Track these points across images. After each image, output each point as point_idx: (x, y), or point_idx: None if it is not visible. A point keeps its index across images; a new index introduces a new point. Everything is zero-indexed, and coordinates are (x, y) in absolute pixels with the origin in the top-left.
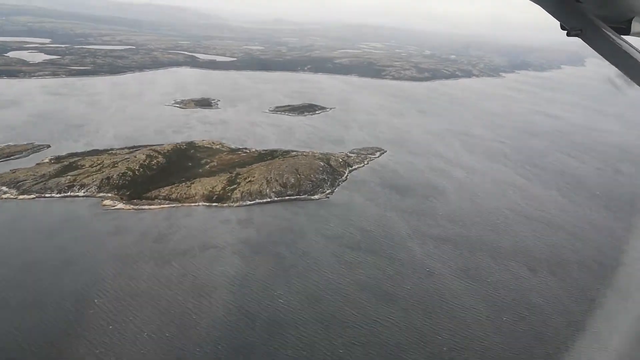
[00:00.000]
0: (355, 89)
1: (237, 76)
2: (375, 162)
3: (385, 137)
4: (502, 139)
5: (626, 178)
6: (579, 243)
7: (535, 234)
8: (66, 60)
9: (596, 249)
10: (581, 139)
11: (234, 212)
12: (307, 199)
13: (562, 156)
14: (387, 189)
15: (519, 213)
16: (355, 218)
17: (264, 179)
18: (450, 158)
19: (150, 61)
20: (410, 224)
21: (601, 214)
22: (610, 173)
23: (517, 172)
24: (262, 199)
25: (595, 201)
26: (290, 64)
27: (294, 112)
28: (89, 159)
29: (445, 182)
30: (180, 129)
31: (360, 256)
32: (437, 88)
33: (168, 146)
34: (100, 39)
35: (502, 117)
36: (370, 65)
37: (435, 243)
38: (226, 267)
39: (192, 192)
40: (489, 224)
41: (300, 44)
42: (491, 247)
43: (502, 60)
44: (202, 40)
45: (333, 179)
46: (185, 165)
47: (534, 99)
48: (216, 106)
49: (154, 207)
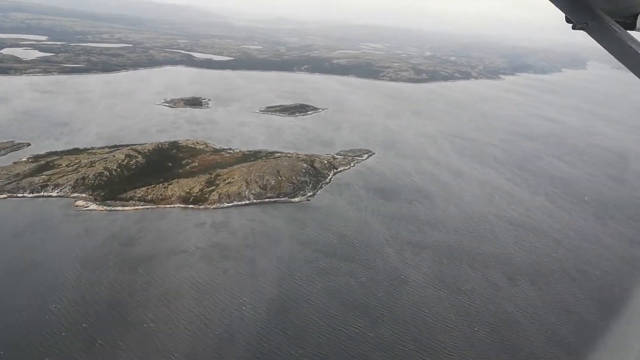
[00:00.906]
0: (352, 90)
1: (232, 75)
2: (362, 164)
3: (376, 139)
4: (495, 142)
5: (618, 183)
6: (562, 251)
7: (519, 241)
8: (60, 57)
9: (580, 257)
10: (576, 142)
11: (210, 214)
12: (287, 202)
13: (554, 160)
14: (371, 193)
15: (503, 219)
16: (334, 222)
17: (244, 181)
18: (440, 161)
19: (145, 59)
20: (390, 229)
21: (588, 220)
22: (602, 178)
23: (506, 176)
24: (240, 201)
25: (583, 207)
26: (287, 64)
27: (285, 113)
28: (66, 158)
29: (432, 186)
30: (166, 128)
31: (334, 263)
32: (435, 90)
33: (149, 146)
34: (99, 36)
35: (498, 120)
36: (368, 66)
37: (414, 249)
38: (193, 273)
39: (169, 193)
40: (472, 230)
41: (299, 44)
42: (471, 254)
43: (502, 62)
44: (200, 39)
45: (316, 181)
46: (166, 166)
47: (533, 101)
48: (206, 106)
49: (128, 208)
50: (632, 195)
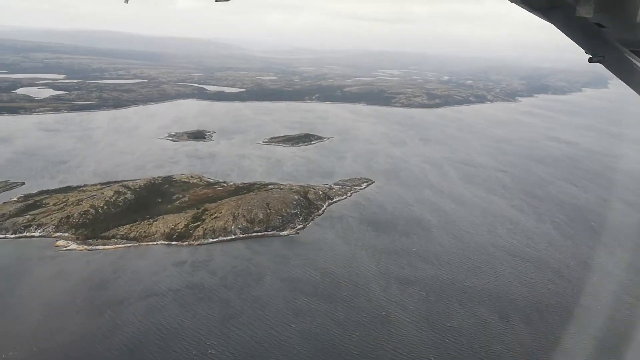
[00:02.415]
0: (361, 118)
1: (241, 107)
2: (359, 194)
3: (379, 167)
4: (505, 167)
5: (632, 209)
6: (565, 284)
7: (517, 274)
8: (72, 95)
9: (581, 290)
10: (591, 165)
11: (192, 251)
12: (275, 235)
13: (566, 185)
14: (364, 225)
15: (503, 250)
16: (320, 257)
17: (231, 215)
18: (443, 189)
19: (157, 94)
20: (379, 264)
21: (594, 249)
22: (615, 203)
23: (511, 203)
24: (225, 237)
25: (590, 234)
26: (298, 94)
27: (288, 143)
28: (55, 196)
29: (431, 216)
30: (164, 163)
31: (314, 302)
32: (447, 114)
33: (141, 181)
34: (115, 73)
35: (510, 144)
36: (380, 93)
37: (401, 286)
38: (162, 318)
39: (153, 230)
40: (468, 263)
41: (314, 73)
42: (463, 289)
43: (520, 84)
44: (215, 72)
45: (308, 213)
46: (155, 202)
47: (549, 123)
48: (210, 138)
49: (109, 247)
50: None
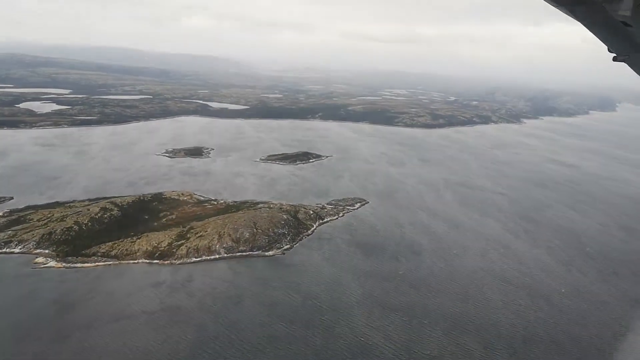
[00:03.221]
0: (362, 137)
1: (243, 124)
2: (352, 214)
3: (374, 187)
4: (503, 189)
5: (630, 235)
6: (553, 312)
7: (507, 302)
8: (75, 110)
9: (571, 320)
10: (592, 189)
11: (173, 271)
12: (260, 256)
13: (564, 209)
14: (353, 247)
15: (494, 275)
16: (303, 280)
17: (216, 234)
18: (437, 211)
19: (160, 110)
20: (363, 288)
21: (588, 276)
22: (613, 229)
23: (506, 227)
24: (209, 256)
25: (586, 261)
26: (302, 112)
27: (285, 161)
28: (41, 212)
29: (423, 239)
30: (157, 180)
31: (291, 328)
32: (450, 135)
33: (130, 198)
34: (121, 89)
35: (510, 166)
36: (383, 112)
37: (385, 311)
38: (131, 342)
39: (135, 248)
40: (456, 289)
41: (320, 92)
42: (448, 316)
43: (526, 105)
44: (221, 89)
45: (296, 233)
46: (141, 219)
47: (551, 146)
48: (207, 155)
49: (88, 265)
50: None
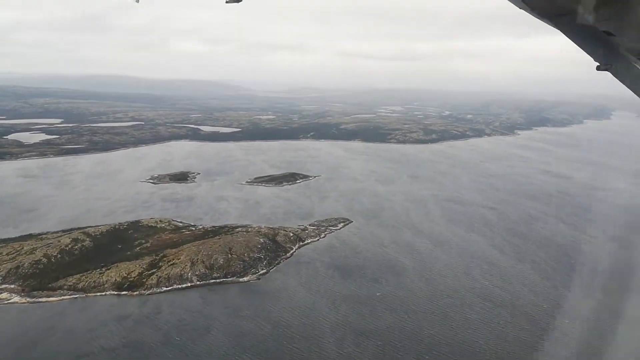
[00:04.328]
0: (353, 155)
1: (233, 147)
2: (334, 235)
3: (361, 207)
4: (493, 204)
5: (620, 247)
6: (534, 330)
7: (486, 321)
8: (63, 139)
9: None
10: (583, 200)
11: (141, 302)
12: (235, 282)
13: (554, 222)
14: (332, 270)
15: (476, 293)
16: (275, 307)
17: (189, 261)
18: (423, 229)
19: (150, 136)
20: (338, 313)
21: (572, 291)
22: (602, 241)
23: (493, 243)
24: (181, 284)
25: (570, 275)
26: (294, 132)
27: (271, 183)
28: (11, 245)
29: (405, 259)
30: (137, 208)
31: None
32: (443, 150)
33: (103, 227)
34: (113, 116)
35: (501, 180)
36: (376, 129)
37: (358, 337)
38: None
39: (103, 279)
40: (435, 310)
41: (315, 111)
42: (424, 340)
43: (520, 117)
44: (214, 112)
45: (273, 257)
46: (114, 249)
47: (544, 157)
48: (192, 180)
49: (53, 299)
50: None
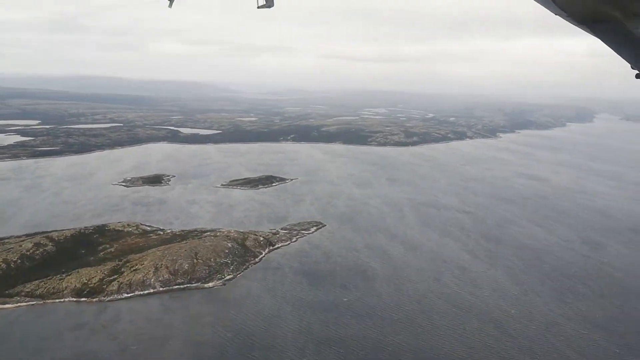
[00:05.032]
0: (332, 158)
1: (211, 150)
2: (306, 239)
3: (335, 211)
4: (469, 207)
5: (594, 251)
6: (503, 338)
7: (453, 328)
8: (37, 141)
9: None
10: (560, 203)
11: (100, 309)
12: (199, 288)
13: (530, 225)
14: (300, 275)
15: (446, 299)
16: (238, 315)
17: (153, 267)
18: (397, 233)
19: (127, 138)
20: (302, 321)
21: (543, 297)
22: (577, 244)
23: (466, 247)
24: (143, 291)
25: (543, 280)
26: (274, 134)
27: (247, 186)
28: None
29: (377, 264)
30: (105, 211)
31: None
32: (423, 153)
33: (68, 232)
34: (92, 117)
35: (480, 183)
36: (357, 132)
37: (319, 347)
38: None
39: (63, 285)
40: (402, 317)
41: (298, 113)
42: (386, 348)
43: (503, 120)
44: (195, 114)
45: (241, 262)
46: (77, 254)
47: (525, 160)
48: (166, 183)
49: (9, 306)
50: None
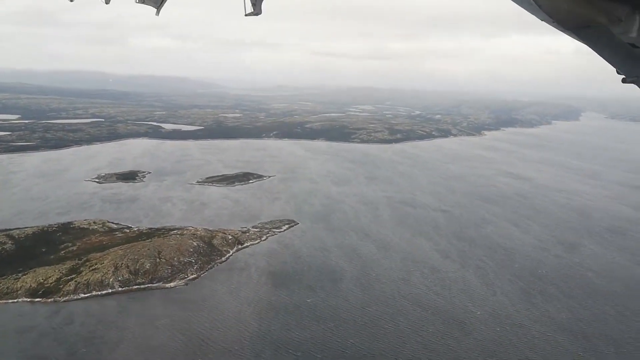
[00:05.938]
0: (314, 155)
1: (191, 146)
2: (276, 238)
3: (310, 209)
4: (447, 206)
5: (568, 251)
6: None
7: (417, 330)
8: (13, 136)
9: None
10: (538, 202)
11: (54, 311)
12: (160, 288)
13: (506, 225)
14: (266, 275)
15: (412, 301)
16: (196, 317)
17: (113, 266)
18: (370, 232)
19: (106, 133)
20: (262, 324)
21: (511, 297)
22: (551, 244)
23: (438, 247)
24: (101, 291)
25: (514, 282)
26: (257, 131)
27: (222, 183)
28: None
29: (346, 264)
30: (73, 208)
31: None
32: (406, 150)
33: (30, 230)
34: (73, 112)
35: (461, 181)
36: (341, 129)
37: (276, 351)
38: None
39: (18, 285)
40: (366, 319)
41: (283, 110)
42: (347, 352)
43: (489, 117)
44: (179, 110)
45: (206, 261)
46: (37, 252)
47: (508, 158)
48: (141, 180)
49: None
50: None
